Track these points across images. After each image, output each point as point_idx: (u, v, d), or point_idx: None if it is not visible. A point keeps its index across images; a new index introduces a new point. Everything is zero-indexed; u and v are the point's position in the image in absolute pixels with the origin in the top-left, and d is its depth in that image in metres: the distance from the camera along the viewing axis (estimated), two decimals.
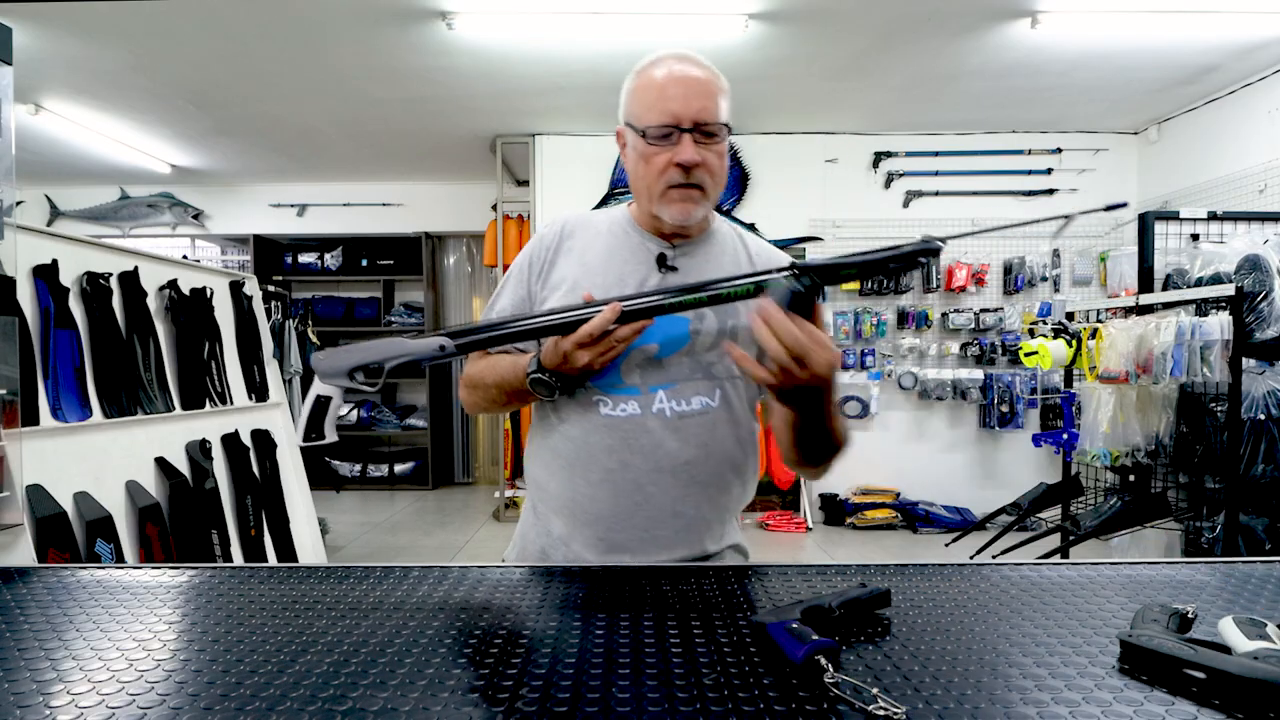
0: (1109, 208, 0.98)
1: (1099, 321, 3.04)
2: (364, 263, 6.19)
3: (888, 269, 0.86)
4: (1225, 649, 0.61)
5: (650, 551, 1.03)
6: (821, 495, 4.76)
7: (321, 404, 0.98)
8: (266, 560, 2.91)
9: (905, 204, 4.77)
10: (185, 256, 5.48)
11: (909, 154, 4.76)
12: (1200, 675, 0.57)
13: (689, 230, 1.06)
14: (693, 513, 1.03)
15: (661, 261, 1.05)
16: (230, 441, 2.83)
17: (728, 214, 4.75)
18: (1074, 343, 3.02)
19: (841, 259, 0.86)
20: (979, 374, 4.64)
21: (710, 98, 0.97)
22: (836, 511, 4.68)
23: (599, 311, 0.92)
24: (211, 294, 2.91)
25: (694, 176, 0.98)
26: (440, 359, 0.95)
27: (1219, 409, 2.72)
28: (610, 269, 1.05)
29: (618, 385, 1.02)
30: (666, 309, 0.93)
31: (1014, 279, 4.64)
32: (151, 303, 2.55)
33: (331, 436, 0.99)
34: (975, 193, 4.72)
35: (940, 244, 0.85)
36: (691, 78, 0.97)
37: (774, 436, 1.03)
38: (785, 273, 0.88)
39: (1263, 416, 2.67)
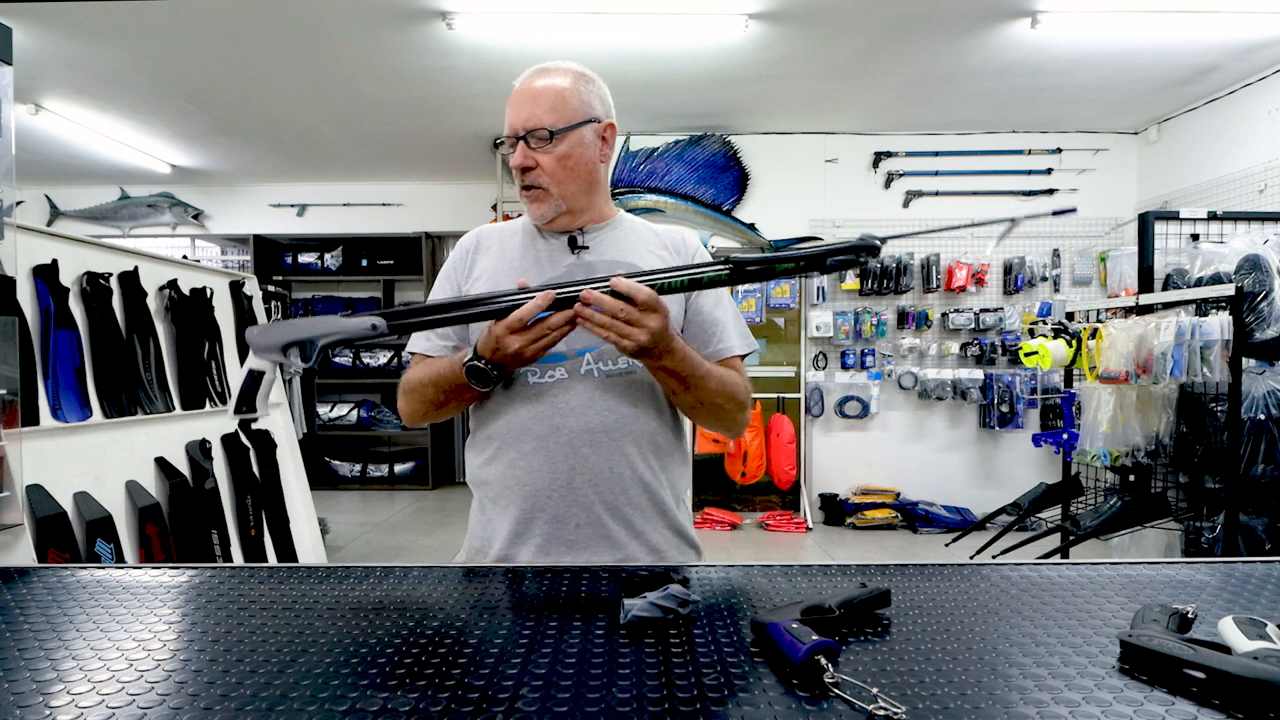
0: (1056, 213, 1.01)
1: (1099, 321, 3.04)
2: (364, 263, 6.19)
3: (824, 265, 0.88)
4: (1225, 649, 0.61)
5: (589, 539, 1.03)
6: (821, 495, 4.76)
7: (254, 378, 0.97)
8: (266, 560, 2.91)
9: (905, 204, 4.77)
10: (185, 256, 5.48)
11: (909, 154, 4.76)
12: (1200, 675, 0.57)
13: (579, 222, 1.13)
14: (628, 473, 1.05)
15: (573, 244, 1.11)
16: (230, 441, 2.82)
17: (728, 214, 4.76)
18: (1074, 343, 3.02)
19: (779, 254, 0.90)
20: (979, 374, 4.64)
21: (540, 105, 1.05)
22: (836, 511, 4.68)
23: (532, 297, 0.93)
24: (211, 294, 2.90)
25: (528, 179, 1.07)
26: (371, 338, 0.96)
27: (1219, 409, 2.72)
28: (527, 256, 1.12)
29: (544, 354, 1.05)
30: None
31: (1014, 279, 4.64)
32: (151, 303, 2.55)
33: (262, 412, 0.99)
34: (975, 193, 4.72)
35: (878, 242, 0.88)
36: (531, 90, 1.06)
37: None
38: (720, 268, 0.91)
39: (1263, 416, 2.67)
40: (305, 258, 6.17)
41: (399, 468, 6.09)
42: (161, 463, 2.44)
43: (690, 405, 1.07)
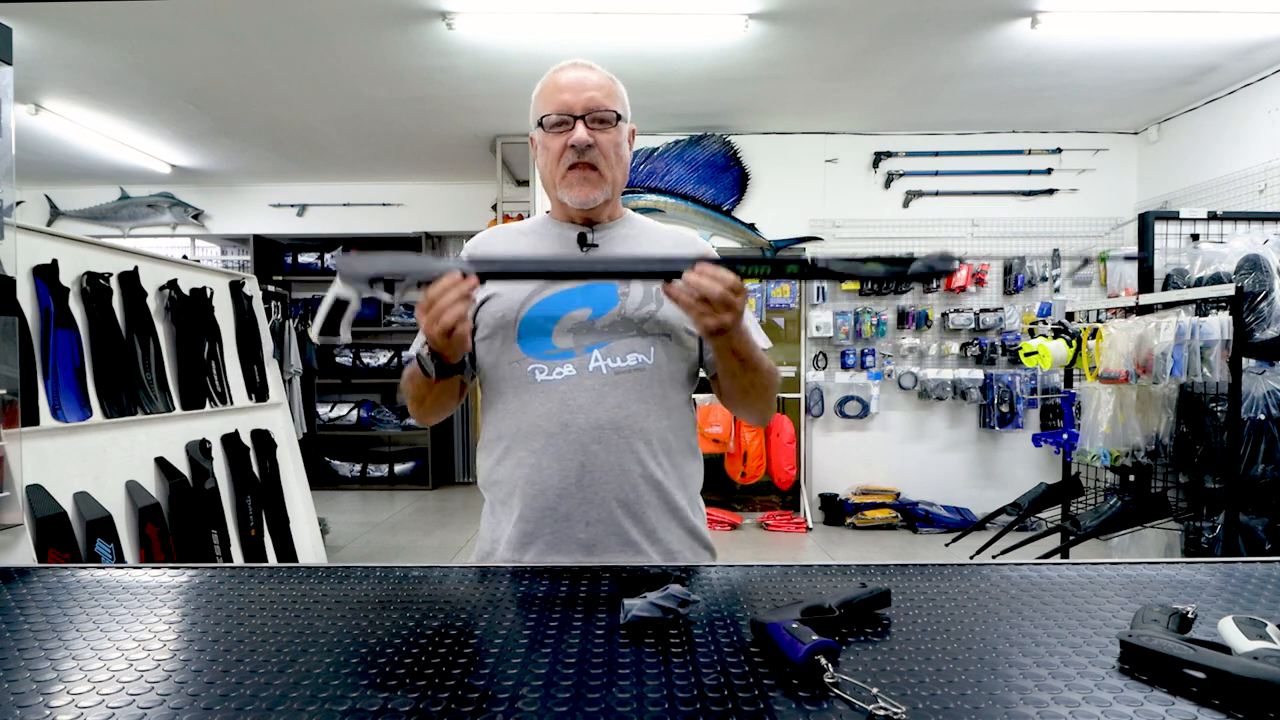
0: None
1: (1099, 321, 3.04)
2: None
3: (900, 276, 0.90)
4: (1225, 649, 0.61)
5: (600, 537, 1.02)
6: (821, 495, 4.76)
7: (339, 306, 0.98)
8: (266, 560, 2.91)
9: (905, 204, 4.77)
10: (185, 256, 5.47)
11: (909, 154, 4.76)
12: (1200, 675, 0.57)
13: (599, 216, 1.13)
14: (638, 471, 1.04)
15: (582, 240, 1.12)
16: (230, 441, 2.83)
17: (728, 214, 4.75)
18: (1074, 343, 3.02)
19: (855, 264, 0.90)
20: (979, 374, 4.64)
21: (600, 90, 1.07)
22: (836, 511, 4.68)
23: (530, 270, 0.98)
24: (211, 294, 2.90)
25: (588, 156, 1.06)
26: None
27: (1219, 409, 2.72)
28: (535, 254, 1.13)
29: (552, 351, 1.05)
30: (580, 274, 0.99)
31: (1014, 279, 4.64)
32: (151, 303, 2.55)
33: (345, 337, 0.99)
34: (975, 193, 4.72)
35: (956, 261, 0.89)
36: (586, 76, 1.08)
37: (720, 387, 1.11)
38: (795, 263, 0.92)
39: (1263, 416, 2.67)
40: (305, 258, 6.17)
41: (399, 468, 6.09)
42: (161, 463, 2.44)
43: (744, 389, 1.07)
